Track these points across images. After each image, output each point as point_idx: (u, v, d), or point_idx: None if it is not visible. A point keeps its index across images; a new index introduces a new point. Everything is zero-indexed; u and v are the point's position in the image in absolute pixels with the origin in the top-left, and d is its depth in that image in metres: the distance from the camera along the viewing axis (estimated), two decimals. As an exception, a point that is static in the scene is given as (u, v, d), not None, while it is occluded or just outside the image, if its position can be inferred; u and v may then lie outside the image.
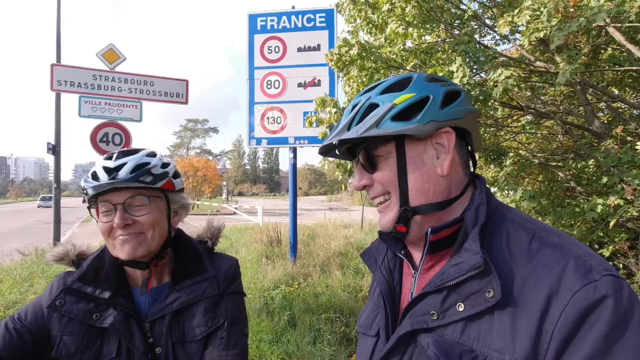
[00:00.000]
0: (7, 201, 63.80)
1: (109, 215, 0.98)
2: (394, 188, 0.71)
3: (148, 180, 1.00)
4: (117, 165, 0.99)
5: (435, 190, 0.70)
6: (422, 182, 0.69)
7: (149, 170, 1.01)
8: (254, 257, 6.89)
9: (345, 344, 3.57)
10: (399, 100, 0.69)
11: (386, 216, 0.73)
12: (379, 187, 0.73)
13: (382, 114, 0.68)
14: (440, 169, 0.69)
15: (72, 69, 5.19)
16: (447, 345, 0.61)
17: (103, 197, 0.98)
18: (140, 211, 1.00)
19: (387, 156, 0.71)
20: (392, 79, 0.75)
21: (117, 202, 0.98)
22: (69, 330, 0.99)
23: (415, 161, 0.70)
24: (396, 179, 0.70)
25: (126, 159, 1.01)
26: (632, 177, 2.64)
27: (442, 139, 0.70)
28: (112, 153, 1.05)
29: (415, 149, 0.70)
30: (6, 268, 6.20)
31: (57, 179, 7.50)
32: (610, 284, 0.52)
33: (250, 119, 5.90)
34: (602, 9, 2.45)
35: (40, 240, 9.32)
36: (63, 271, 1.10)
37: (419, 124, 0.67)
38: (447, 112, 0.70)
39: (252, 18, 5.90)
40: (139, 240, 0.99)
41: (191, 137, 67.13)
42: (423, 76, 0.73)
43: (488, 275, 0.59)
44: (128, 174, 0.98)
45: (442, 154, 0.70)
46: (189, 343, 1.02)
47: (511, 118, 5.15)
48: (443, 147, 0.70)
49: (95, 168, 1.01)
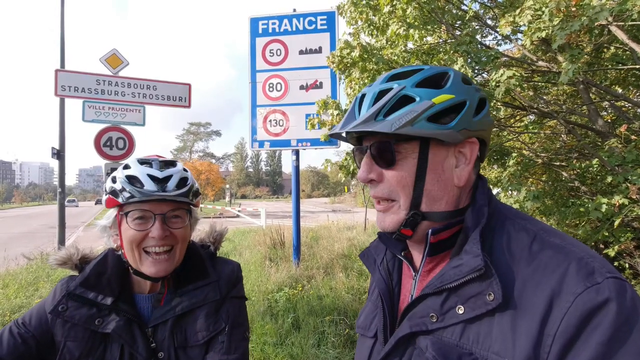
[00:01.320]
0: (12, 206, 64.28)
1: (143, 224, 0.98)
2: (407, 191, 0.67)
3: (191, 196, 1.04)
4: (165, 177, 1.01)
5: (448, 200, 0.68)
6: (438, 190, 0.67)
7: (191, 186, 1.05)
8: (257, 259, 6.90)
9: (349, 346, 3.56)
10: (438, 100, 0.65)
11: (389, 217, 0.70)
12: (387, 186, 0.69)
13: (419, 112, 0.64)
14: (457, 179, 0.68)
15: (75, 74, 5.23)
16: (446, 348, 0.61)
17: (143, 205, 0.98)
18: (177, 224, 1.02)
19: (408, 156, 0.67)
20: (427, 70, 0.69)
21: (159, 213, 0.99)
22: (72, 336, 0.98)
23: (435, 167, 0.67)
24: (412, 182, 0.67)
25: (171, 171, 1.03)
26: (637, 176, 2.62)
27: (466, 148, 0.68)
28: (149, 159, 1.05)
29: (439, 154, 0.67)
30: (12, 272, 6.25)
31: (62, 183, 7.55)
32: (613, 287, 0.52)
33: (252, 121, 5.92)
34: (604, 7, 2.45)
35: (45, 245, 9.38)
36: (68, 275, 1.11)
37: (453, 130, 0.64)
38: (479, 121, 0.68)
39: (254, 21, 5.93)
40: (170, 260, 1.01)
41: (194, 141, 67.43)
42: (459, 76, 0.69)
43: (489, 278, 0.59)
44: (176, 188, 1.00)
45: (462, 164, 0.68)
46: (191, 348, 1.02)
47: (514, 118, 5.13)
48: (464, 157, 0.68)
49: (132, 173, 1.00)
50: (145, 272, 0.99)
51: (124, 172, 1.01)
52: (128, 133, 5.40)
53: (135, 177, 0.99)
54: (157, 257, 0.99)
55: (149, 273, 0.99)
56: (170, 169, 1.04)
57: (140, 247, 0.99)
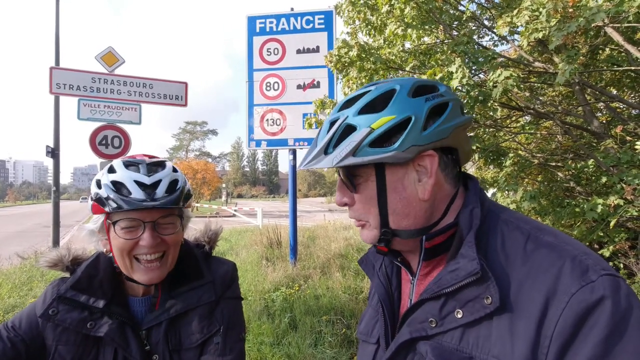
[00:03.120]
0: (6, 205, 63.66)
1: (132, 233, 0.94)
2: (373, 212, 0.69)
3: (182, 201, 1.00)
4: (154, 183, 0.95)
5: (416, 215, 0.67)
6: (402, 207, 0.67)
7: (182, 189, 1.00)
8: (254, 259, 6.88)
9: (346, 346, 3.56)
10: (377, 125, 0.64)
11: (365, 233, 0.72)
12: (357, 209, 0.71)
13: (359, 141, 0.64)
14: (421, 194, 0.66)
15: (71, 72, 5.18)
16: (446, 352, 0.60)
17: (131, 214, 0.93)
18: (168, 230, 0.99)
19: (367, 179, 0.68)
20: (373, 93, 0.68)
21: (149, 220, 0.94)
22: (63, 340, 0.96)
23: (395, 186, 0.67)
24: (375, 203, 0.68)
25: (160, 176, 0.98)
26: (632, 176, 2.64)
27: (425, 161, 0.66)
28: (135, 161, 1.00)
29: (396, 174, 0.66)
30: (5, 272, 6.19)
31: (57, 182, 7.48)
32: (608, 284, 0.52)
33: (249, 121, 5.91)
34: (601, 9, 2.46)
35: (39, 244, 9.30)
36: (59, 276, 1.08)
37: (397, 151, 0.63)
38: (430, 134, 0.65)
39: (251, 20, 5.92)
40: (163, 267, 0.99)
41: (190, 140, 67.17)
42: (407, 88, 0.67)
43: (486, 282, 0.59)
44: (165, 194, 0.95)
45: (424, 177, 0.66)
46: (185, 350, 1.01)
47: (510, 118, 5.15)
48: (425, 170, 0.66)
49: (118, 178, 0.94)
50: (138, 279, 0.97)
51: (108, 176, 0.96)
52: (124, 131, 5.36)
53: (122, 183, 0.93)
54: (149, 264, 0.96)
55: (142, 281, 0.97)
56: (159, 172, 0.99)
57: (130, 255, 0.95)
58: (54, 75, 5.09)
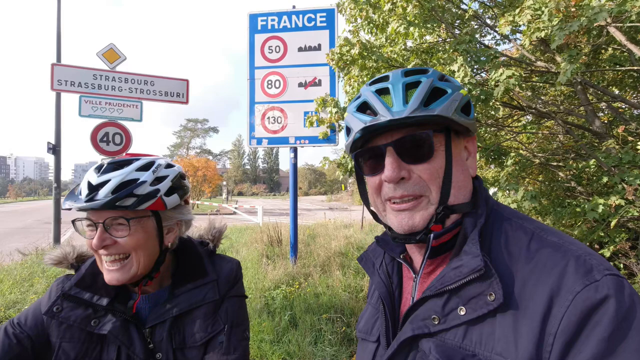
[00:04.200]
0: (7, 201, 63.79)
1: (92, 231, 0.93)
2: (437, 184, 0.66)
3: (128, 204, 0.91)
4: (99, 183, 0.91)
5: (469, 189, 0.71)
6: (462, 180, 0.70)
7: (130, 191, 0.92)
8: (254, 257, 6.89)
9: (346, 344, 3.57)
10: (464, 92, 0.69)
11: (419, 214, 0.67)
12: (418, 182, 0.67)
13: (458, 101, 0.67)
14: (472, 170, 0.72)
15: (72, 69, 5.18)
16: (449, 350, 0.60)
17: (86, 213, 0.94)
18: (121, 232, 0.93)
19: (439, 148, 0.67)
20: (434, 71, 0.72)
21: (97, 221, 0.92)
22: (68, 337, 0.96)
23: (457, 159, 0.70)
24: (442, 174, 0.67)
25: (110, 175, 0.93)
26: (633, 177, 2.64)
27: (469, 142, 0.72)
28: (103, 163, 0.99)
29: (457, 146, 0.70)
30: (6, 268, 6.20)
31: (57, 178, 7.50)
32: (612, 284, 0.52)
33: (250, 118, 5.90)
34: (603, 8, 2.45)
35: (40, 240, 9.32)
36: (64, 271, 1.09)
37: (474, 121, 0.69)
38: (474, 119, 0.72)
39: (253, 18, 5.90)
40: (124, 269, 0.94)
41: (191, 137, 67.13)
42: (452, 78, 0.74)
43: (489, 279, 0.59)
44: (107, 196, 0.90)
45: (470, 157, 0.72)
46: (189, 349, 1.00)
47: (512, 118, 5.15)
48: (468, 151, 0.72)
49: (84, 178, 0.96)
50: (105, 279, 0.95)
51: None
52: (125, 128, 5.36)
53: (82, 183, 0.95)
54: (110, 265, 0.94)
55: (106, 280, 0.95)
56: (115, 172, 0.94)
57: (97, 253, 0.95)
58: (56, 72, 5.09)
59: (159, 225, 1.00)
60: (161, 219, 1.00)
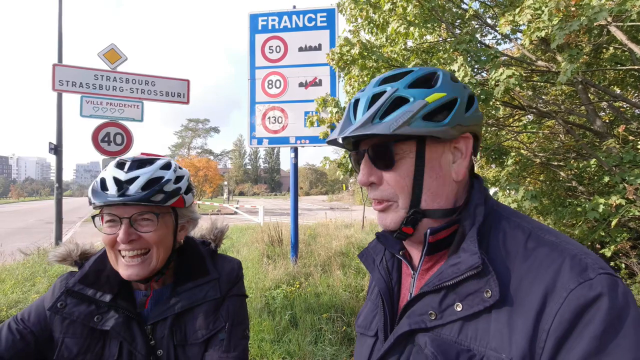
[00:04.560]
0: (9, 201, 63.96)
1: (113, 227, 0.96)
2: (406, 191, 0.68)
3: (159, 199, 0.97)
4: (129, 179, 0.95)
5: (447, 195, 0.70)
6: (437, 186, 0.69)
7: (161, 187, 0.97)
8: (255, 256, 6.90)
9: (346, 343, 3.57)
10: (431, 99, 0.66)
11: (389, 216, 0.71)
12: (386, 188, 0.70)
13: (415, 111, 0.65)
14: (455, 174, 0.69)
15: (73, 69, 5.20)
16: (445, 345, 0.61)
17: (109, 209, 0.96)
18: (147, 227, 0.97)
19: (406, 156, 0.68)
20: (418, 72, 0.71)
21: (124, 217, 0.95)
22: (70, 333, 0.98)
23: (433, 164, 0.68)
24: (411, 181, 0.68)
25: (139, 172, 0.97)
26: (634, 176, 2.64)
27: (461, 143, 0.70)
28: (124, 160, 1.01)
29: (435, 151, 0.69)
30: (8, 267, 6.22)
31: (59, 178, 7.51)
32: (606, 282, 0.53)
33: (251, 118, 5.91)
34: (603, 7, 2.45)
35: (42, 240, 9.35)
36: (66, 270, 1.10)
37: (447, 126, 0.66)
38: (470, 117, 0.70)
39: (253, 18, 5.91)
40: (145, 264, 0.98)
41: (192, 137, 67.18)
42: (448, 75, 0.72)
43: (486, 276, 0.60)
44: (139, 191, 0.94)
45: (459, 159, 0.70)
46: (190, 346, 1.02)
47: (512, 117, 5.14)
48: (460, 152, 0.70)
49: (104, 175, 0.97)
50: (121, 274, 0.98)
51: (101, 173, 1.00)
52: (126, 129, 5.38)
53: (104, 179, 0.96)
54: (130, 260, 0.97)
55: (123, 276, 0.97)
56: (141, 169, 0.98)
57: (114, 249, 0.97)
58: (57, 72, 5.11)
59: (176, 222, 1.05)
60: (178, 216, 1.06)
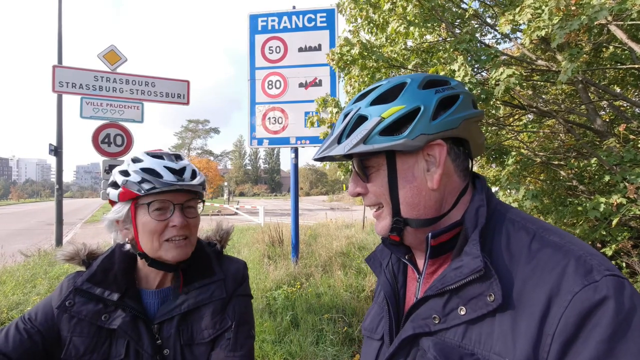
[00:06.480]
0: (9, 202, 63.97)
1: (162, 215, 1.01)
2: (386, 200, 0.71)
3: (203, 188, 1.09)
4: (181, 168, 1.05)
5: (426, 205, 0.69)
6: (412, 197, 0.68)
7: (202, 176, 1.09)
8: (256, 257, 6.90)
9: (348, 344, 3.57)
10: (387, 114, 0.67)
11: (380, 223, 0.74)
12: (372, 197, 0.73)
13: (369, 129, 0.67)
14: (430, 183, 0.68)
15: (73, 71, 5.20)
16: (448, 349, 0.61)
17: (162, 196, 1.01)
18: (192, 213, 1.07)
19: (379, 168, 0.70)
20: (385, 86, 0.71)
21: (178, 202, 1.03)
22: (78, 331, 0.99)
23: (405, 175, 0.68)
24: (387, 192, 0.70)
25: (184, 163, 1.08)
26: (635, 175, 2.63)
27: (434, 150, 0.67)
28: (158, 153, 1.08)
29: (406, 162, 0.68)
30: (9, 269, 6.22)
31: (59, 180, 7.53)
32: (612, 285, 0.51)
33: (251, 119, 5.91)
34: (603, 6, 2.44)
35: (42, 242, 9.35)
36: (67, 271, 1.11)
37: (407, 138, 0.65)
38: (439, 123, 0.66)
39: (253, 18, 5.91)
40: (187, 247, 1.05)
41: (192, 138, 67.22)
42: (418, 81, 0.70)
43: (489, 279, 0.59)
44: (191, 178, 1.05)
45: (433, 167, 0.68)
46: (197, 345, 1.03)
47: (513, 117, 5.14)
48: (434, 159, 0.68)
49: (148, 165, 1.02)
50: (166, 257, 1.02)
51: (136, 165, 1.03)
52: (126, 130, 5.38)
53: (152, 169, 1.01)
54: (179, 243, 1.03)
55: (170, 257, 1.01)
56: (182, 161, 1.09)
57: (161, 238, 1.01)
58: (57, 74, 5.10)
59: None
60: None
